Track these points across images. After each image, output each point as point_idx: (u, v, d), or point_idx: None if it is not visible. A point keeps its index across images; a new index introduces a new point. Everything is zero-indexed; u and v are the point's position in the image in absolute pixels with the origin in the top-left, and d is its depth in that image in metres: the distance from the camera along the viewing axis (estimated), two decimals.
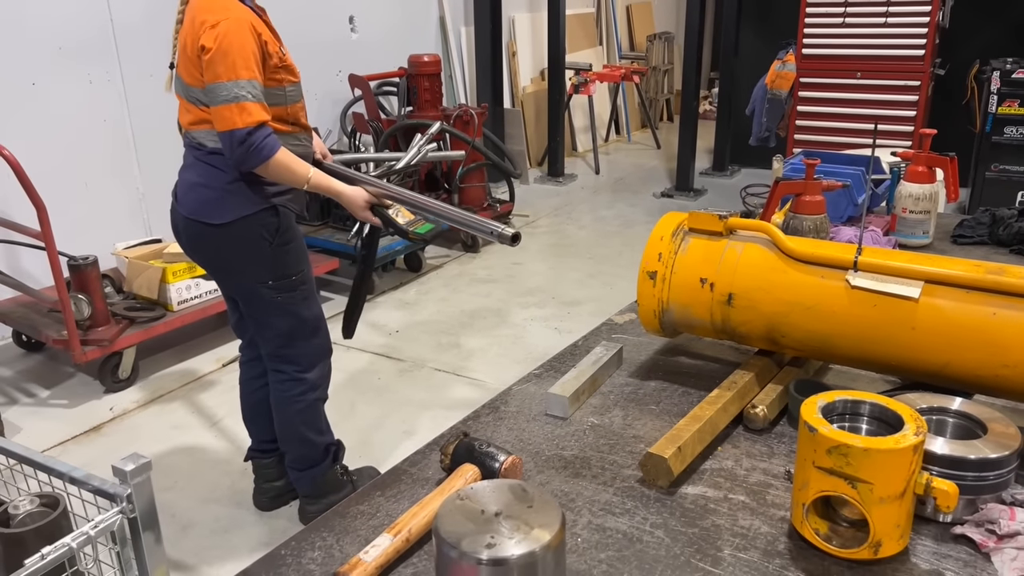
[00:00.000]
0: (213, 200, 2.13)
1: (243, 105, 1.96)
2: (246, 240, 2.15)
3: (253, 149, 1.98)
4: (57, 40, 3.96)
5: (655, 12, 9.80)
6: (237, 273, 2.25)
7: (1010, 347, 1.29)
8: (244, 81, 1.96)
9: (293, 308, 2.28)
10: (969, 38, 5.91)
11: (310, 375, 2.38)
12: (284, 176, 2.08)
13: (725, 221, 1.55)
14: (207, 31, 1.97)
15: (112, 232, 4.20)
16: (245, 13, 2.01)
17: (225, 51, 1.95)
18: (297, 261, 2.27)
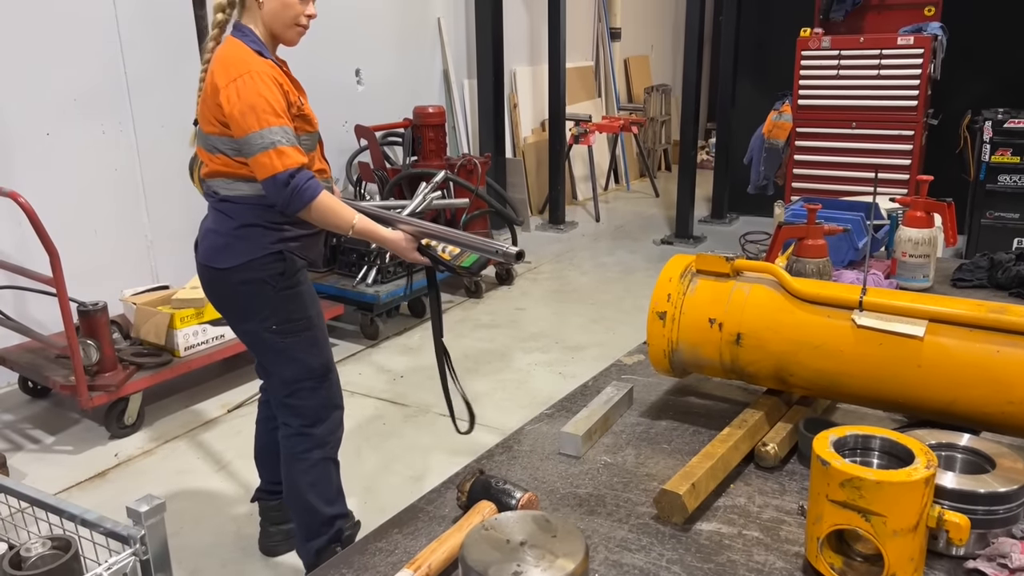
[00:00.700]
0: (221, 245, 2.16)
1: (280, 150, 2.00)
2: (250, 284, 2.17)
3: (297, 191, 2.01)
4: (72, 92, 4.06)
5: (652, 65, 10.03)
6: (242, 317, 2.26)
7: (1014, 384, 1.32)
8: (276, 128, 2.00)
9: (298, 354, 2.26)
10: (960, 89, 6.06)
11: (316, 430, 2.32)
12: (329, 219, 2.09)
13: (732, 263, 1.59)
14: (229, 86, 2.02)
15: (120, 278, 4.26)
16: (264, 66, 2.06)
17: (252, 104, 1.99)
18: (303, 306, 2.25)
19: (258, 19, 2.12)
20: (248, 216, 2.14)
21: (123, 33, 4.23)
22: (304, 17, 2.14)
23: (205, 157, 2.18)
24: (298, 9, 2.12)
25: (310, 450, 2.32)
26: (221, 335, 3.88)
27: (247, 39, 2.10)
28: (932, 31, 5.36)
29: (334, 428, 2.38)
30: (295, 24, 2.14)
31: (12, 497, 1.36)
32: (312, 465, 2.33)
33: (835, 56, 5.51)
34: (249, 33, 2.12)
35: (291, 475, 2.35)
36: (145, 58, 4.34)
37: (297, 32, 2.16)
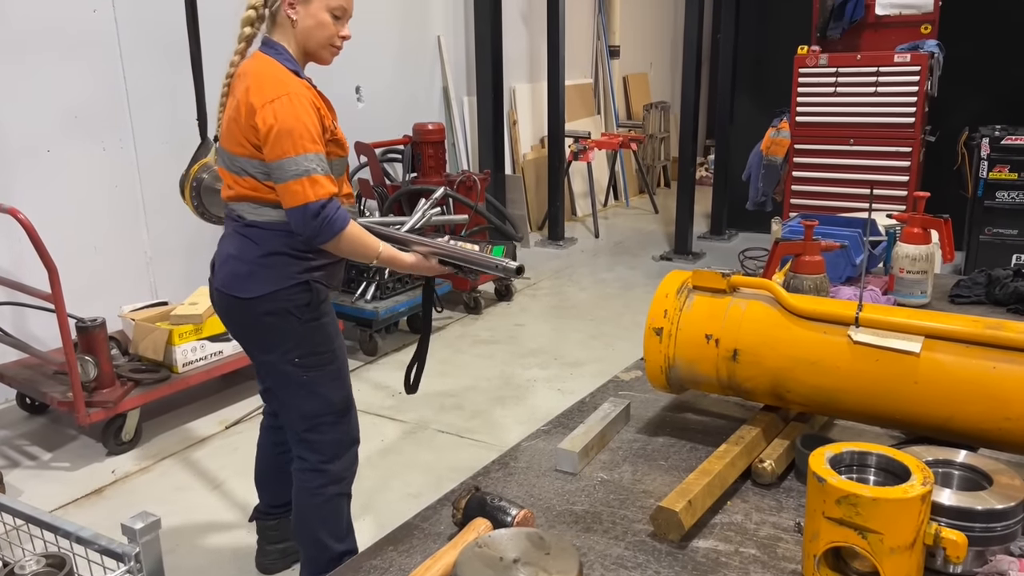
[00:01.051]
0: (244, 274, 2.07)
1: (314, 178, 1.92)
2: (275, 315, 2.08)
3: (327, 222, 1.94)
4: (73, 109, 4.08)
5: (651, 82, 10.09)
6: (264, 348, 2.16)
7: (1011, 400, 1.32)
8: (312, 155, 1.93)
9: (320, 388, 2.17)
10: (958, 106, 6.09)
11: (333, 466, 2.23)
12: (356, 250, 2.03)
13: (728, 279, 1.59)
14: (266, 107, 1.94)
15: (119, 294, 4.26)
16: (301, 87, 1.99)
17: (290, 127, 1.92)
18: (327, 338, 2.17)
19: (291, 36, 2.05)
20: (275, 243, 2.05)
21: (124, 50, 4.26)
22: (338, 38, 2.07)
23: (230, 179, 2.10)
24: (333, 30, 2.05)
25: (325, 486, 2.24)
26: (219, 351, 3.87)
27: (280, 57, 2.03)
28: (928, 49, 5.39)
29: (351, 464, 2.30)
30: (330, 45, 2.07)
31: (7, 514, 1.35)
32: (326, 501, 2.25)
33: (832, 73, 5.55)
34: (283, 51, 2.04)
35: (303, 510, 2.28)
36: (146, 75, 4.37)
37: (331, 52, 2.10)
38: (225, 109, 2.14)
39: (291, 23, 2.03)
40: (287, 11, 2.02)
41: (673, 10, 10.20)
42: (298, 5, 2.01)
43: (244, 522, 2.99)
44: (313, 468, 2.23)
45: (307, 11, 2.02)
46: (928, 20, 5.65)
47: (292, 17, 2.02)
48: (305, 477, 2.25)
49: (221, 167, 2.15)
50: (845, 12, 5.73)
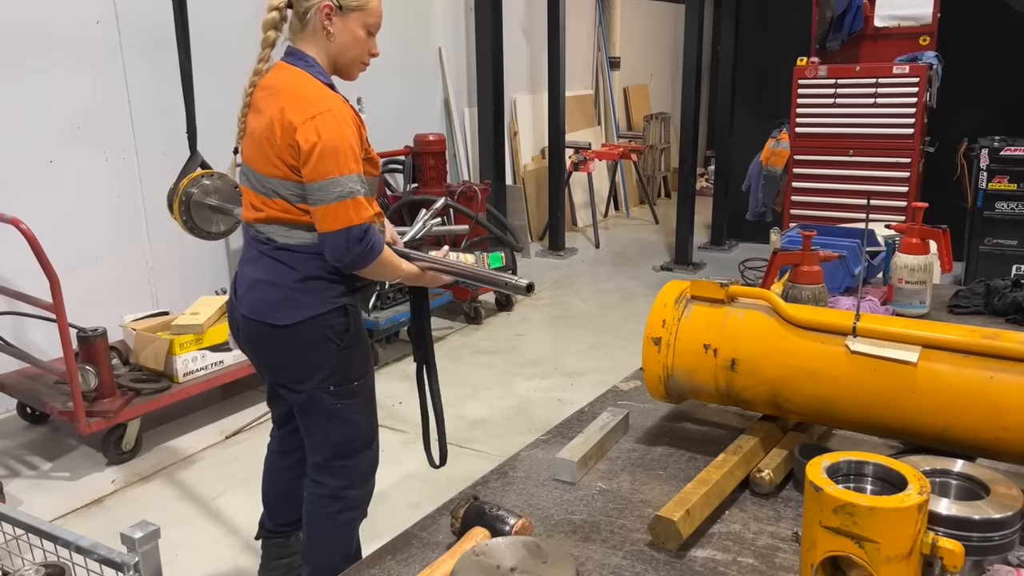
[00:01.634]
0: (279, 300, 1.97)
1: (359, 200, 1.85)
2: (312, 342, 1.98)
3: (369, 247, 1.88)
4: (76, 120, 4.10)
5: (652, 93, 10.13)
6: (298, 377, 2.05)
7: (1008, 410, 1.32)
8: (355, 175, 1.86)
9: (352, 416, 2.10)
10: (957, 117, 6.11)
11: (354, 492, 2.17)
12: (388, 273, 1.98)
13: (726, 289, 1.60)
14: (307, 123, 1.84)
15: (121, 304, 4.27)
16: (342, 103, 1.91)
17: (335, 145, 1.83)
18: (362, 364, 2.10)
19: (322, 48, 1.95)
20: (312, 267, 1.95)
21: (127, 61, 4.29)
22: (368, 55, 2.01)
23: (256, 200, 1.99)
24: (367, 46, 1.98)
25: (342, 511, 2.17)
26: (220, 361, 3.88)
27: (313, 70, 1.93)
28: (927, 60, 5.41)
29: (370, 491, 2.24)
30: (360, 62, 2.00)
31: (7, 524, 1.36)
32: (341, 527, 2.19)
33: (832, 85, 5.57)
34: (313, 63, 1.95)
35: (316, 534, 2.20)
36: (147, 86, 4.39)
37: (359, 69, 2.03)
38: (247, 123, 2.03)
39: (326, 34, 1.93)
40: (323, 21, 1.92)
41: (673, 22, 10.25)
42: (335, 17, 1.92)
43: (245, 532, 2.99)
44: (332, 495, 2.15)
45: (344, 24, 1.94)
46: (927, 32, 5.67)
47: (328, 28, 1.93)
48: (322, 503, 2.16)
49: (245, 187, 2.04)
50: (844, 24, 5.75)
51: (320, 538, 2.20)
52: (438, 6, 6.65)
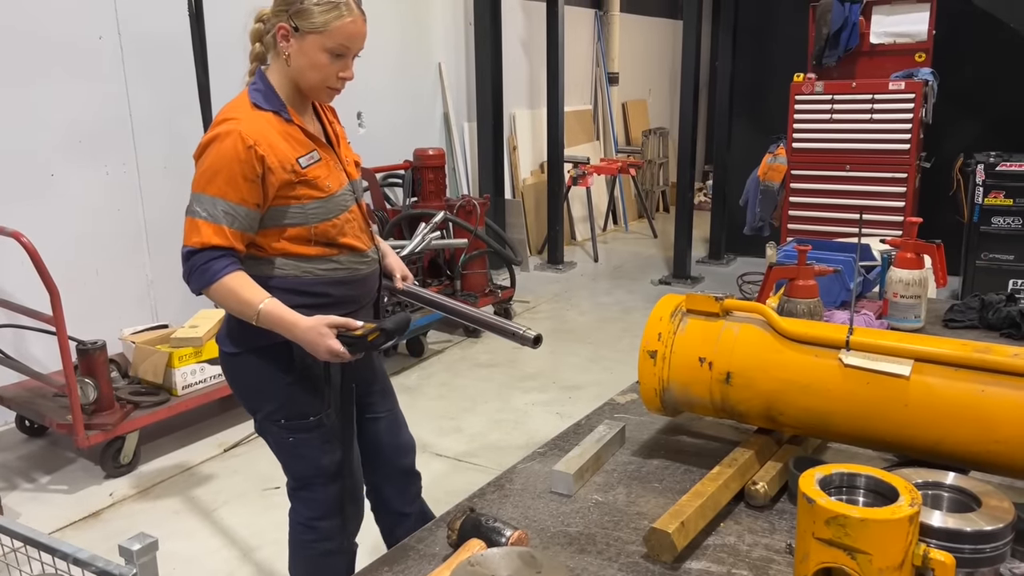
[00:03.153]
0: (231, 327, 1.92)
1: (194, 222, 1.75)
2: (257, 373, 1.92)
3: (190, 271, 1.77)
4: (77, 134, 4.13)
5: (650, 109, 10.19)
6: (248, 406, 2.03)
7: (1000, 423, 1.33)
8: (207, 197, 1.74)
9: (307, 452, 1.99)
10: (953, 133, 6.15)
11: (325, 524, 2.07)
12: (232, 307, 1.79)
13: (721, 303, 1.62)
14: (208, 130, 1.80)
15: (120, 317, 4.28)
16: (252, 124, 1.76)
17: (207, 163, 1.75)
18: (316, 402, 1.96)
19: (283, 72, 1.83)
20: None
21: (128, 76, 4.32)
22: (337, 79, 1.82)
23: None
24: (329, 70, 1.80)
25: (316, 542, 2.08)
26: (219, 374, 3.88)
27: (252, 87, 1.84)
28: (923, 76, 5.46)
29: (344, 524, 2.11)
30: (325, 87, 1.83)
31: (5, 536, 1.36)
32: (316, 556, 2.10)
33: (828, 100, 5.61)
34: (259, 82, 1.84)
35: (294, 560, 2.15)
36: (149, 100, 4.42)
37: (328, 94, 1.87)
38: None
39: (285, 60, 1.80)
40: (280, 43, 1.80)
41: (671, 38, 10.33)
42: (292, 39, 1.78)
43: (242, 545, 2.99)
44: (304, 523, 2.08)
45: (300, 48, 1.78)
46: (922, 48, 5.72)
47: (285, 52, 1.79)
48: (296, 530, 2.11)
49: None
50: (840, 40, 5.80)
51: (298, 566, 2.14)
52: (438, 22, 6.71)
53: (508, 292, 5.78)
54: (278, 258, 1.85)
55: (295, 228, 1.83)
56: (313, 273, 1.87)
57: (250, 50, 1.90)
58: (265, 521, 3.16)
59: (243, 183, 1.74)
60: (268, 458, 3.69)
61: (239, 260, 1.80)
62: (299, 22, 1.76)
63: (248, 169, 1.73)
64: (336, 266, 1.90)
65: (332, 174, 1.88)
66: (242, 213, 1.76)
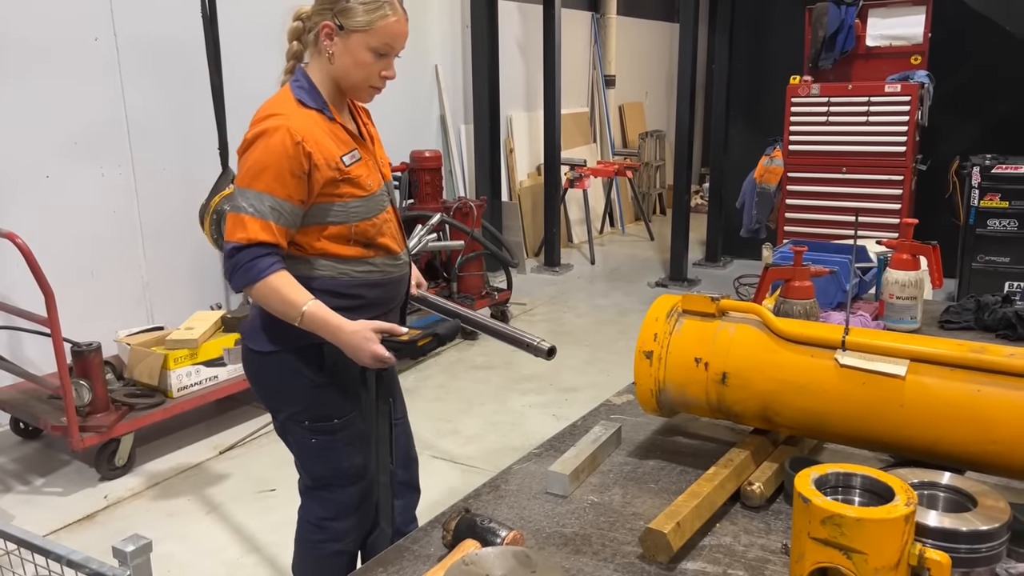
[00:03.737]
0: (260, 325, 1.90)
1: (240, 218, 1.73)
2: (283, 374, 1.90)
3: (234, 268, 1.75)
4: (73, 135, 4.12)
5: (647, 111, 10.20)
6: (270, 405, 2.01)
7: (996, 423, 1.33)
8: (253, 192, 1.73)
9: (330, 454, 1.97)
10: (949, 135, 6.17)
11: (338, 524, 2.03)
12: (274, 306, 1.77)
13: (717, 303, 1.62)
14: (250, 128, 1.78)
15: (116, 319, 4.27)
16: (301, 120, 1.76)
17: (255, 158, 1.74)
18: (343, 404, 1.95)
19: (324, 70, 1.83)
20: None
21: (124, 77, 4.31)
22: (379, 78, 1.83)
23: None
24: (373, 69, 1.80)
25: (324, 542, 2.04)
26: (215, 376, 3.87)
27: (296, 84, 1.83)
28: (919, 79, 5.47)
29: (357, 526, 2.06)
30: (368, 85, 1.84)
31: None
32: (323, 557, 2.06)
33: (824, 103, 5.62)
34: (301, 79, 1.84)
35: (299, 557, 2.12)
36: (145, 102, 4.41)
37: (370, 93, 1.87)
38: None
39: (329, 58, 1.80)
40: (323, 41, 1.79)
41: (668, 41, 10.34)
42: (336, 37, 1.78)
43: (237, 548, 2.98)
44: (315, 523, 2.05)
45: (345, 46, 1.78)
46: (918, 51, 5.74)
47: (329, 50, 1.79)
48: (305, 529, 2.08)
49: None
50: (836, 43, 5.82)
51: (303, 564, 2.11)
52: (435, 24, 6.71)
53: (505, 294, 5.78)
54: (317, 258, 1.85)
55: (336, 227, 1.83)
56: (349, 275, 1.87)
57: (287, 48, 1.89)
58: (261, 523, 3.15)
59: (290, 179, 1.73)
60: (264, 460, 3.70)
61: (283, 258, 1.79)
62: (344, 20, 1.77)
63: (296, 165, 1.73)
64: (371, 268, 1.90)
65: (371, 173, 1.89)
66: (288, 209, 1.75)
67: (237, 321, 3.99)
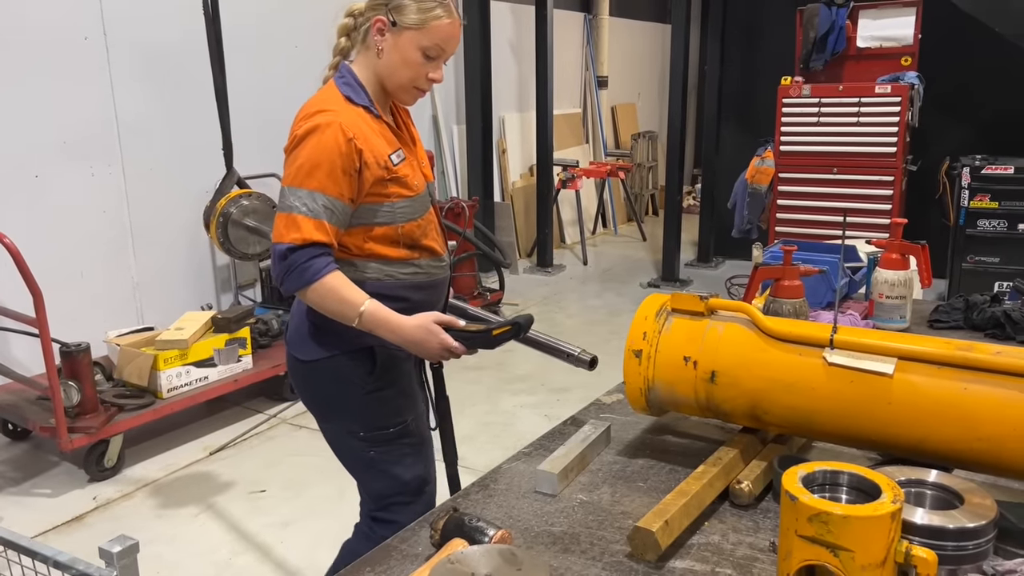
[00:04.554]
0: (305, 333, 1.85)
1: (293, 217, 1.67)
2: (333, 383, 1.85)
3: (288, 270, 1.68)
4: (62, 135, 4.10)
5: (639, 112, 10.21)
6: (322, 416, 1.94)
7: (982, 421, 1.33)
8: (305, 191, 1.67)
9: (389, 467, 1.91)
10: (939, 136, 6.20)
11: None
12: (331, 307, 1.72)
13: (706, 302, 1.62)
14: (295, 125, 1.73)
15: (105, 320, 4.24)
16: (351, 117, 1.72)
17: (306, 155, 1.68)
18: (398, 410, 1.91)
19: (370, 66, 1.79)
20: None
21: (114, 77, 4.30)
22: (425, 80, 1.79)
23: None
24: (420, 70, 1.76)
25: None
26: (205, 377, 3.86)
27: (341, 80, 1.79)
28: (909, 80, 5.50)
29: None
30: (413, 86, 1.80)
31: None
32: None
33: (815, 104, 5.64)
34: (346, 75, 1.80)
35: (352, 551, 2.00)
36: (135, 101, 4.39)
37: (413, 96, 1.83)
38: None
39: (377, 53, 1.76)
40: (374, 35, 1.75)
41: (660, 42, 10.36)
42: (388, 33, 1.74)
43: (227, 550, 2.97)
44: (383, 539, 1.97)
45: (396, 43, 1.74)
46: (908, 52, 5.76)
47: (378, 45, 1.75)
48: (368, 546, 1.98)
49: None
50: (827, 44, 5.84)
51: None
52: None
53: (497, 295, 5.78)
54: (363, 261, 1.81)
55: (383, 228, 1.79)
56: (395, 277, 1.83)
57: (335, 44, 1.84)
58: (251, 524, 3.14)
59: (342, 177, 1.69)
60: (255, 461, 3.69)
61: (335, 259, 1.74)
62: (397, 16, 1.73)
63: (348, 163, 1.69)
64: (416, 270, 1.87)
65: (415, 173, 1.85)
66: (340, 208, 1.71)
67: (227, 321, 3.98)
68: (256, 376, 4.06)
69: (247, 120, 4.58)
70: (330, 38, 1.87)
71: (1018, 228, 5.21)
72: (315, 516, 3.20)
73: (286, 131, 1.77)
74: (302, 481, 3.48)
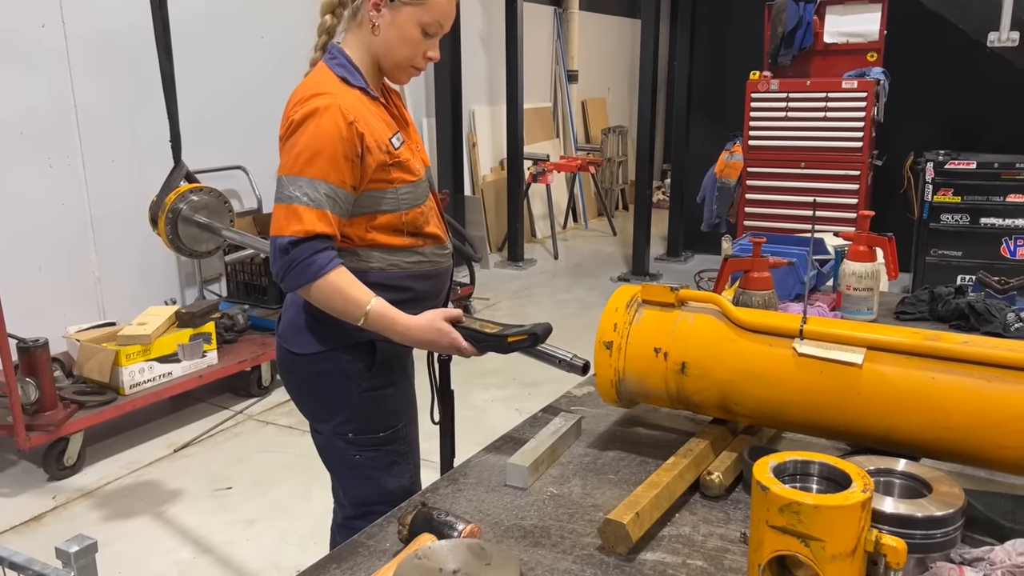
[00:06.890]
0: (301, 325, 1.76)
1: (294, 208, 1.57)
2: (328, 378, 1.77)
3: (290, 266, 1.59)
4: (19, 125, 3.99)
5: (609, 107, 10.23)
6: (313, 414, 1.86)
7: (950, 410, 1.34)
8: (305, 179, 1.58)
9: (374, 473, 1.84)
10: (904, 132, 6.28)
11: None
12: (335, 306, 1.63)
13: (677, 293, 1.61)
14: (289, 109, 1.64)
15: (66, 315, 4.14)
16: (349, 99, 1.63)
17: (304, 142, 1.59)
18: (392, 412, 1.86)
19: (364, 44, 1.70)
20: None
21: (73, 65, 4.18)
22: (422, 59, 1.72)
23: None
24: (419, 48, 1.69)
25: None
26: (168, 372, 3.78)
27: (334, 62, 1.69)
28: (875, 76, 5.56)
29: None
30: (410, 65, 1.72)
31: None
32: None
33: (783, 98, 5.69)
34: (338, 55, 1.70)
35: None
36: (95, 91, 4.29)
37: (409, 74, 1.75)
38: None
39: (372, 29, 1.67)
40: (370, 11, 1.66)
41: (630, 36, 10.39)
42: (384, 9, 1.65)
43: (192, 548, 2.91)
44: None
45: (394, 19, 1.65)
46: (874, 48, 5.83)
47: (374, 21, 1.66)
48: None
49: None
50: (795, 40, 5.89)
51: None
52: None
53: (468, 289, 5.75)
54: (366, 250, 1.72)
55: (386, 215, 1.70)
56: (399, 266, 1.75)
57: (319, 23, 1.73)
58: (216, 522, 3.08)
59: (344, 163, 1.60)
60: (219, 458, 3.63)
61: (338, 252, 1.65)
62: None
63: (349, 148, 1.60)
64: (421, 258, 1.79)
65: (415, 157, 1.77)
66: (343, 196, 1.62)
67: (192, 316, 3.90)
68: (222, 372, 3.99)
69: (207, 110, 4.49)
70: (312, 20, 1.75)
71: (980, 222, 5.30)
72: (281, 514, 3.16)
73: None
74: (268, 478, 3.43)
